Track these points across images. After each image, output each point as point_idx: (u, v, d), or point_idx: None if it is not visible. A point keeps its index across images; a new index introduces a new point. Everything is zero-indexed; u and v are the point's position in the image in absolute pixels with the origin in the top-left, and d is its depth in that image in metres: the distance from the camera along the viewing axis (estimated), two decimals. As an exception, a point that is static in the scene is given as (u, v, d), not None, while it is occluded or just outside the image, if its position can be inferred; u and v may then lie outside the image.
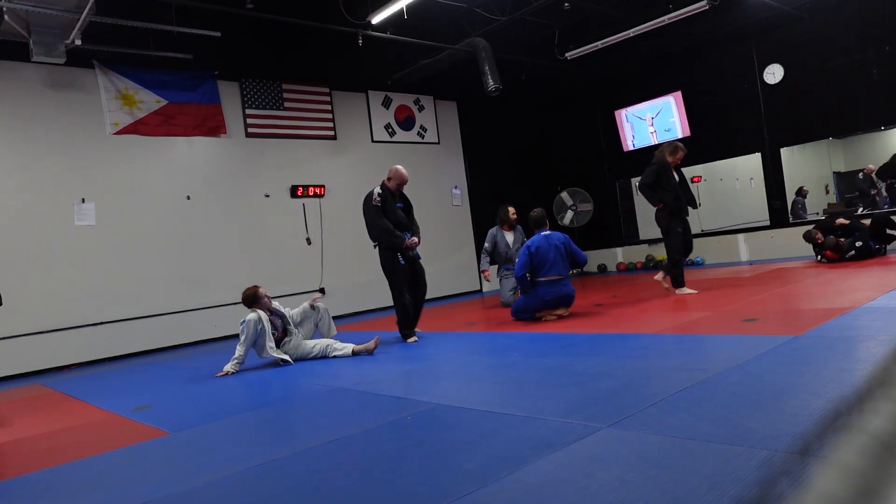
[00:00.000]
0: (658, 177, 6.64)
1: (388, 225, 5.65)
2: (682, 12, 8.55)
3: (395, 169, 5.86)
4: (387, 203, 5.73)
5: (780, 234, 9.92)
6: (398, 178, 5.82)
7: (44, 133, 7.50)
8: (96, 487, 2.63)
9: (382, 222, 5.66)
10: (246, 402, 4.24)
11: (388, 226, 5.65)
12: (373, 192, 5.77)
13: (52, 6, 6.25)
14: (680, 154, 6.71)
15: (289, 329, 5.45)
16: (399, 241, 5.65)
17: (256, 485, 2.37)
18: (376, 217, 5.69)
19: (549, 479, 2.01)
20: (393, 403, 3.42)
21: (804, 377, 2.84)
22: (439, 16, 8.91)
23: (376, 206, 5.71)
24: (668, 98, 11.01)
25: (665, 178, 6.63)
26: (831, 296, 5.28)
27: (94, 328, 7.63)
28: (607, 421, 2.50)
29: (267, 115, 9.31)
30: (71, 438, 3.67)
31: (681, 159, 6.75)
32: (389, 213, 5.73)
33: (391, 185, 5.83)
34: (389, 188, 5.81)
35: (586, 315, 6.05)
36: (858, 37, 8.95)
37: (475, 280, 11.69)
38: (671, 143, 6.79)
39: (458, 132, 11.90)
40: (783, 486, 0.42)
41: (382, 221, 5.67)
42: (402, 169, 5.86)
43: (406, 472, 2.28)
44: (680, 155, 6.71)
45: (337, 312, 9.05)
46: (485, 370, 4.18)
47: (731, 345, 3.79)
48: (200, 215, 8.62)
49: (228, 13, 7.38)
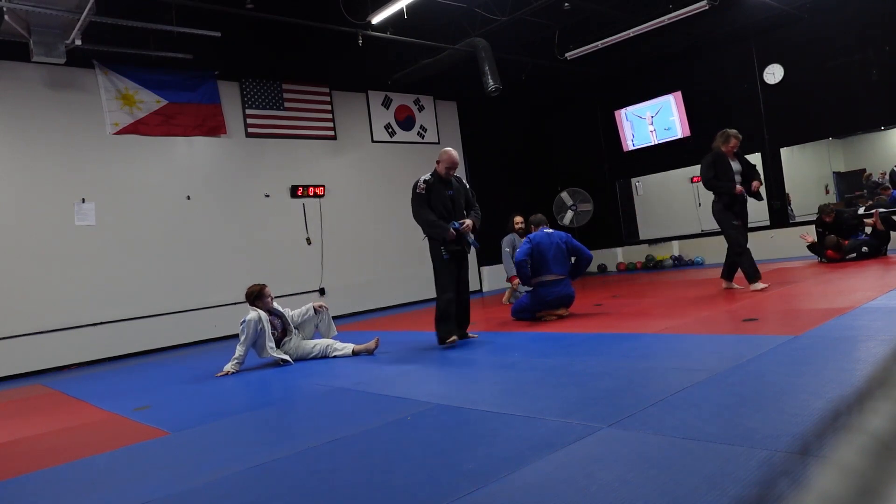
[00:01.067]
0: (715, 168, 6.22)
1: (430, 215, 5.13)
2: (682, 12, 8.55)
3: (445, 151, 5.29)
4: (433, 190, 5.20)
5: (780, 234, 9.92)
6: (448, 160, 5.23)
7: (44, 133, 7.50)
8: (96, 487, 2.63)
9: (425, 212, 5.15)
10: (246, 402, 4.24)
11: (431, 216, 5.12)
12: (419, 179, 5.24)
13: (52, 6, 6.25)
14: (734, 142, 6.25)
15: (288, 329, 5.45)
16: (440, 232, 5.08)
17: (256, 485, 2.37)
18: (419, 207, 5.18)
19: (549, 479, 2.01)
20: (393, 403, 3.41)
21: (804, 377, 2.84)
22: (439, 16, 8.91)
23: (420, 195, 5.18)
24: (667, 97, 11.02)
25: (721, 168, 6.20)
26: (831, 296, 5.28)
27: (94, 328, 7.63)
28: (607, 421, 2.50)
29: (267, 115, 9.31)
30: (71, 438, 3.67)
31: (736, 146, 6.28)
32: (436, 202, 5.19)
33: (441, 170, 5.26)
34: (439, 173, 5.26)
35: (586, 315, 6.05)
36: (858, 37, 8.95)
37: (475, 280, 11.68)
38: (723, 132, 6.36)
39: (458, 132, 11.90)
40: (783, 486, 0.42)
41: (425, 211, 5.15)
42: (452, 151, 5.28)
43: (406, 472, 2.28)
44: (734, 143, 6.25)
45: (337, 312, 9.05)
46: (485, 370, 4.18)
47: (731, 345, 3.79)
48: (200, 215, 8.62)
49: (228, 13, 7.38)
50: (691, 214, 11.90)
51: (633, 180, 12.49)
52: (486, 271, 11.71)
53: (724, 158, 6.25)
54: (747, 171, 6.33)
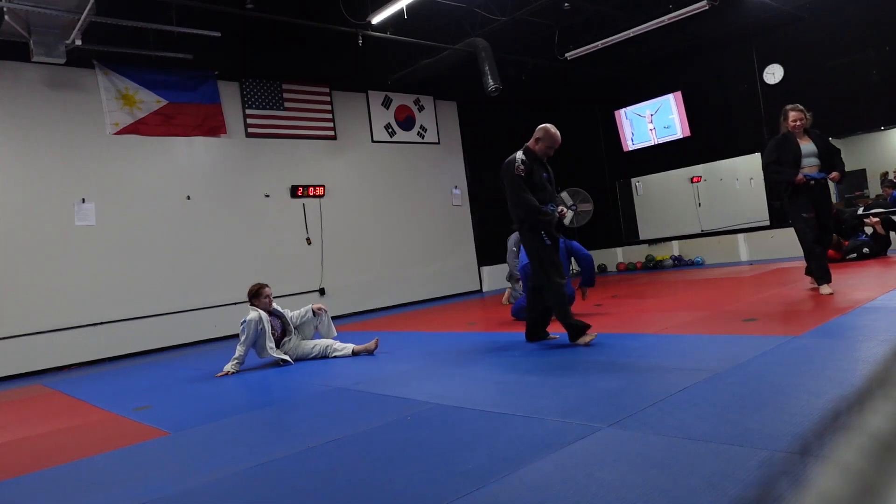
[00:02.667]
0: (778, 151, 5.37)
1: (533, 201, 4.41)
2: (682, 12, 8.54)
3: (546, 128, 4.54)
4: (533, 172, 4.49)
5: (780, 234, 9.91)
6: (550, 139, 4.51)
7: (44, 133, 7.50)
8: (96, 487, 2.63)
9: (527, 197, 4.43)
10: (246, 402, 4.24)
11: (534, 202, 4.42)
12: (515, 158, 4.49)
13: (52, 6, 6.25)
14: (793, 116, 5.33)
15: (288, 329, 5.45)
16: (548, 218, 4.47)
17: (256, 485, 2.37)
18: (520, 191, 4.43)
19: (549, 479, 2.01)
20: (393, 403, 3.41)
21: (804, 377, 2.84)
22: (439, 16, 8.91)
23: (520, 178, 4.45)
24: (667, 97, 11.02)
25: (784, 150, 5.35)
26: (831, 296, 5.28)
27: (94, 328, 7.63)
28: (607, 421, 2.50)
29: (267, 115, 9.31)
30: (71, 438, 3.67)
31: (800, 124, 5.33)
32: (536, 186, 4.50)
33: (538, 149, 4.53)
34: (535, 153, 4.53)
35: (586, 315, 6.04)
36: (858, 37, 8.95)
37: (475, 280, 11.69)
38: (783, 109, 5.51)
39: (458, 132, 11.91)
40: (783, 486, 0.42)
41: (527, 196, 4.43)
42: (554, 129, 4.54)
43: (406, 472, 2.28)
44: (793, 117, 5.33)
45: (337, 312, 9.06)
46: (485, 370, 4.18)
47: (731, 345, 3.79)
48: (200, 215, 8.62)
49: (228, 13, 7.37)
50: (691, 214, 11.90)
51: (633, 180, 12.48)
52: (485, 271, 11.72)
53: (790, 139, 5.34)
54: (825, 154, 5.29)
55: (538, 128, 4.57)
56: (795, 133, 5.36)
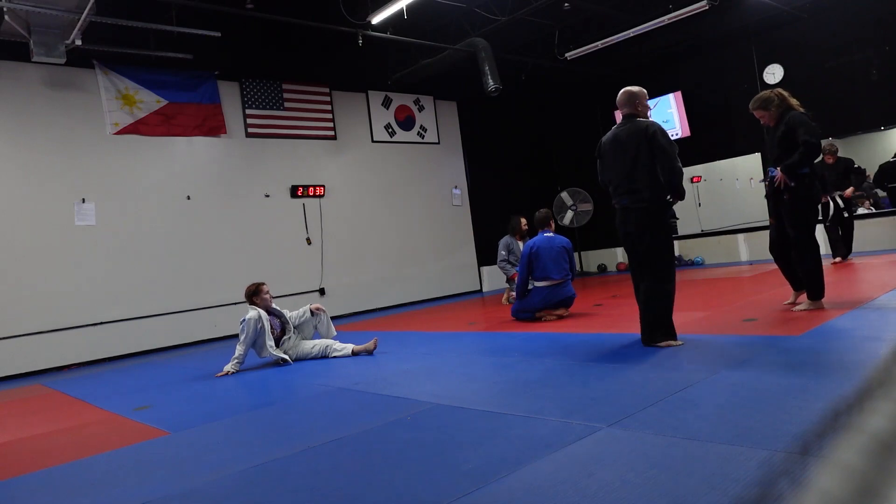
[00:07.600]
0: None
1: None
2: (682, 12, 8.55)
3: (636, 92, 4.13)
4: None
5: (780, 234, 9.91)
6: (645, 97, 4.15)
7: (44, 133, 7.50)
8: (96, 487, 2.63)
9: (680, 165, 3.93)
10: (246, 402, 4.24)
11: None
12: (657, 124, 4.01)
13: (52, 6, 6.25)
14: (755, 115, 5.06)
15: (287, 328, 5.45)
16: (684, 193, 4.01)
17: (256, 485, 2.37)
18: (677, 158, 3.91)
19: (549, 479, 2.01)
20: (393, 403, 3.41)
21: (804, 377, 2.84)
22: (439, 16, 8.92)
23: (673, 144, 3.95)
24: (667, 96, 11.00)
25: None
26: (831, 296, 5.28)
27: (94, 328, 7.62)
28: (607, 421, 2.50)
29: (267, 115, 9.31)
30: (71, 438, 3.67)
31: (762, 119, 5.09)
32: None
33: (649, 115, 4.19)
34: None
35: (586, 315, 6.05)
36: (858, 37, 8.95)
37: (475, 280, 11.69)
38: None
39: (458, 132, 11.90)
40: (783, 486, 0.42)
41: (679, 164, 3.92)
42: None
43: (406, 472, 2.28)
44: (756, 115, 5.09)
45: (337, 312, 9.06)
46: (485, 370, 4.18)
47: (731, 345, 3.79)
48: (200, 215, 8.62)
49: (228, 13, 7.38)
50: (691, 214, 11.89)
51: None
52: (485, 271, 11.72)
53: (767, 134, 5.05)
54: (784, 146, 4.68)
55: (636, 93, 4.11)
56: (769, 128, 4.96)
